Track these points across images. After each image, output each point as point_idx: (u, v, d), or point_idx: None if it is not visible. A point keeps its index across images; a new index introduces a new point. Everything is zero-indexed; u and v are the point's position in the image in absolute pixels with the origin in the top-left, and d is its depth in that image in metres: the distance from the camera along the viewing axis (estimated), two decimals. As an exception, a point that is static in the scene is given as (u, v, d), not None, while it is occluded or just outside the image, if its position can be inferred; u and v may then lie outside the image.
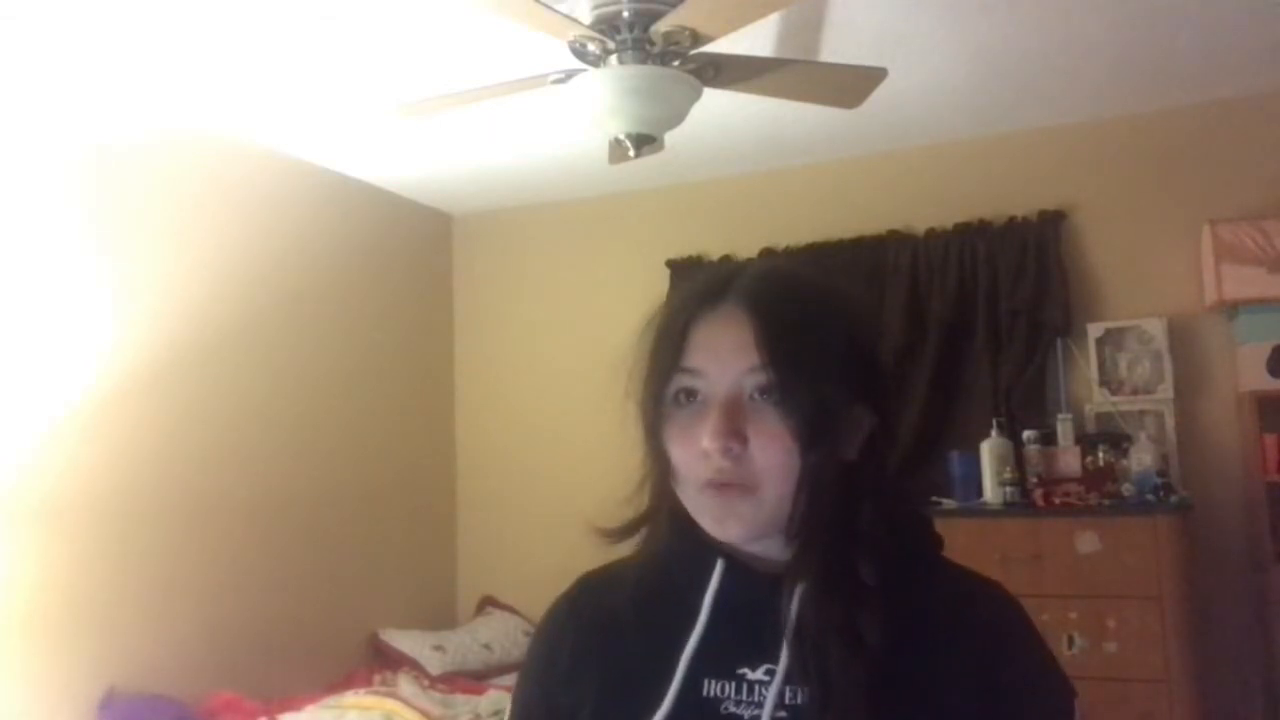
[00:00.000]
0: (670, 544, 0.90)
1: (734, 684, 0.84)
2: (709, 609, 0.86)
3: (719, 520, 0.84)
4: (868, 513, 0.84)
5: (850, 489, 0.84)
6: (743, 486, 0.82)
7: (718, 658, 0.85)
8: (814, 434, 0.81)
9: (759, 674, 0.83)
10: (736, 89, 2.62)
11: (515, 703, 0.97)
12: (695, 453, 0.83)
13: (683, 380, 0.85)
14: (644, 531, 0.93)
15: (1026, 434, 3.29)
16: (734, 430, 0.81)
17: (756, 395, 0.83)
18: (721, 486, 0.83)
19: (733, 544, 0.86)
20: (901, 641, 0.81)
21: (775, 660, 0.83)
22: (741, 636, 0.85)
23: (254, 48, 2.85)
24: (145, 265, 3.20)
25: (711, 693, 0.84)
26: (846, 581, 0.82)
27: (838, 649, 0.79)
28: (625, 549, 0.94)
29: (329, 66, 2.99)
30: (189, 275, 3.34)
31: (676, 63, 2.43)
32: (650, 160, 2.95)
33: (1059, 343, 3.55)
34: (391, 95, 3.08)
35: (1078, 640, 2.96)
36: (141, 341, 3.16)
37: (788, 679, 0.82)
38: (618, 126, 2.46)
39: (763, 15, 2.37)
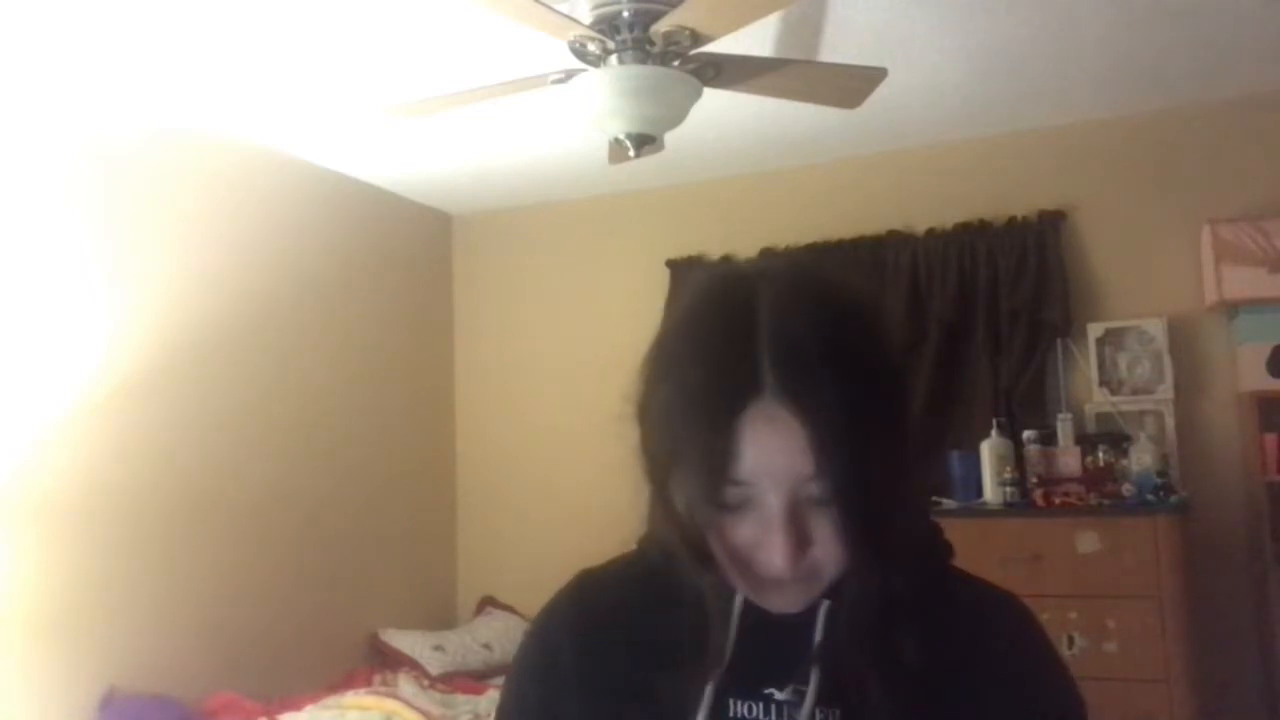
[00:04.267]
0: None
1: (761, 704, 0.79)
2: (736, 626, 0.81)
3: (763, 599, 0.79)
4: (899, 523, 0.79)
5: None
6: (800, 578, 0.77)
7: (743, 675, 0.80)
8: (879, 534, 0.75)
9: (787, 694, 0.79)
10: (736, 89, 2.62)
11: (509, 704, 0.90)
12: (742, 548, 0.77)
13: (730, 493, 0.75)
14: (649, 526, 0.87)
15: (1026, 434, 3.29)
16: (802, 545, 0.75)
17: (816, 503, 0.75)
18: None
19: None
20: (926, 657, 0.78)
21: (804, 680, 0.78)
22: (767, 654, 0.80)
23: (254, 48, 2.85)
24: (145, 265, 3.20)
25: (739, 713, 0.79)
26: (877, 595, 0.77)
27: (870, 668, 0.76)
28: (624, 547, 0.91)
29: (329, 66, 2.99)
30: (189, 275, 3.34)
31: (676, 63, 2.43)
32: (650, 160, 2.95)
33: (1059, 343, 3.55)
34: (391, 95, 3.08)
35: (1078, 640, 2.96)
36: (141, 341, 3.16)
37: (819, 700, 0.77)
38: (618, 126, 2.46)
39: (763, 15, 2.37)
